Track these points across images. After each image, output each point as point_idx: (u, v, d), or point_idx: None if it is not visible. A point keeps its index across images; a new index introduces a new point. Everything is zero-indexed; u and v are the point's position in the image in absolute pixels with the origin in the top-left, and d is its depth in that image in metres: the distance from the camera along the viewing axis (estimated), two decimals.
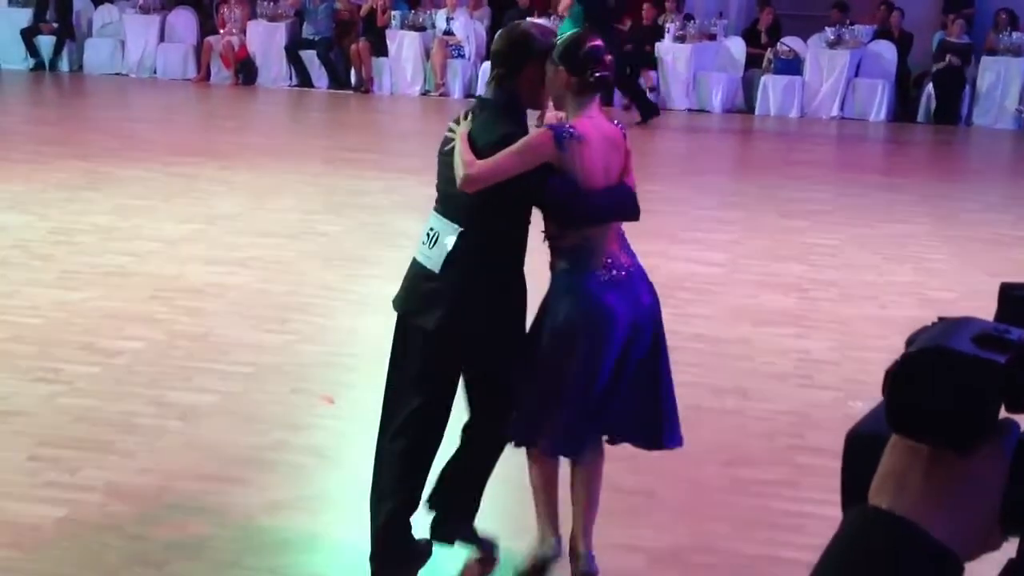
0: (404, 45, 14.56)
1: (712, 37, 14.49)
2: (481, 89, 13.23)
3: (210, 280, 6.28)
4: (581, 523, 3.37)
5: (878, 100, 13.61)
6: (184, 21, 15.44)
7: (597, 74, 3.26)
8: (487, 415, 3.36)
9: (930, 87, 13.55)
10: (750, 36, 14.56)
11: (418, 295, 3.30)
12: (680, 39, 14.16)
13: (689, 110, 14.03)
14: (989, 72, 13.39)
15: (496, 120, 3.25)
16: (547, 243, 3.31)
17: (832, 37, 13.89)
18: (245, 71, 14.86)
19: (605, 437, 3.41)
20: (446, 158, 3.28)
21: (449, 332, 3.23)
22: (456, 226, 3.21)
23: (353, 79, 14.68)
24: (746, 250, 7.42)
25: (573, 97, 3.27)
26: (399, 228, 7.67)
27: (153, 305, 5.83)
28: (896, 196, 9.24)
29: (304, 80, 14.82)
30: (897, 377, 0.71)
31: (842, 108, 13.72)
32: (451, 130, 3.31)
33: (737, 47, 14.41)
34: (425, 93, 14.56)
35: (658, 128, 13.13)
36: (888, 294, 6.41)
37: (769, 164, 10.99)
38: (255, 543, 3.59)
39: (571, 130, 3.18)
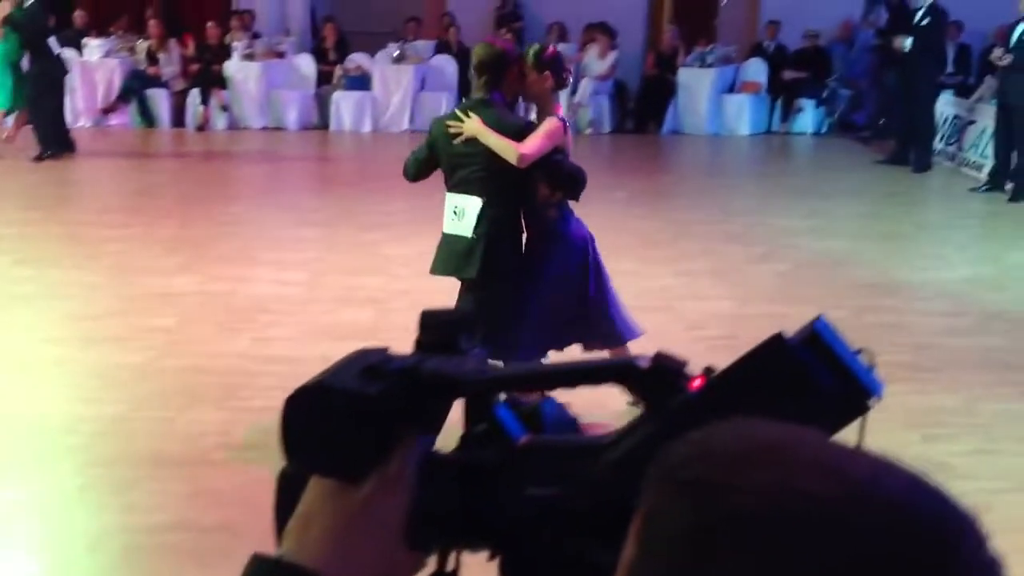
0: None
1: (281, 55, 14.50)
2: None
3: None
4: None
5: (443, 111, 14.23)
6: None
7: (568, 76, 4.58)
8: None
9: None
10: (318, 53, 14.74)
11: (456, 256, 4.40)
12: (249, 57, 14.05)
13: (265, 128, 13.96)
14: None
15: (503, 113, 4.37)
16: (540, 203, 4.41)
17: (396, 53, 14.36)
18: None
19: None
20: (461, 147, 4.32)
21: (487, 274, 4.29)
22: (477, 199, 4.32)
23: None
24: (326, 266, 7.50)
25: (551, 94, 4.46)
26: None
27: None
28: None
29: None
30: (284, 413, 0.76)
31: (412, 121, 14.24)
32: (449, 126, 4.34)
33: (307, 64, 14.52)
34: None
35: (233, 149, 12.95)
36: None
37: (346, 179, 11.18)
38: None
39: (566, 120, 4.45)
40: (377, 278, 7.18)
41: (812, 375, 0.96)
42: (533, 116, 4.63)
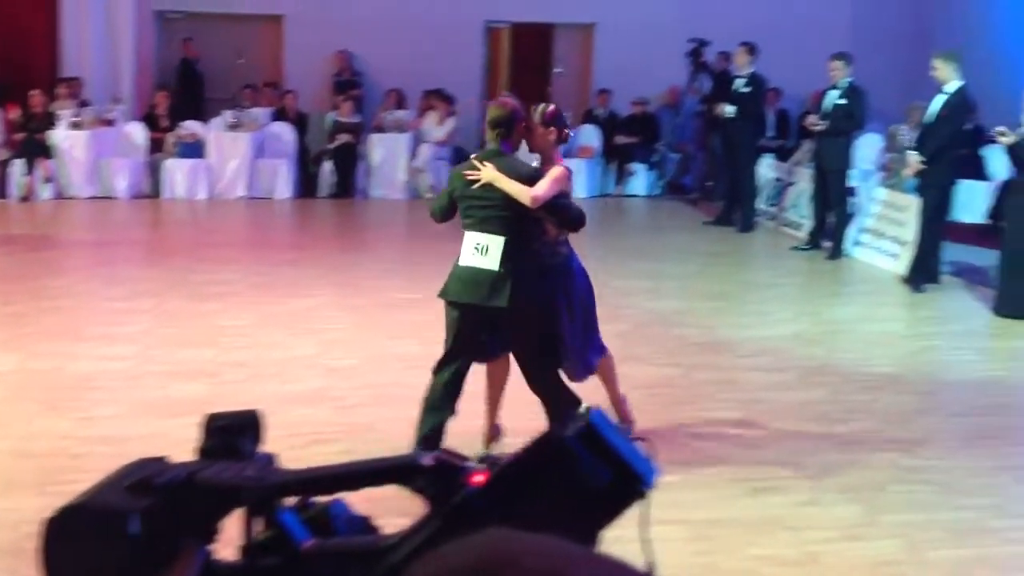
0: None
1: (110, 123, 14.15)
2: None
3: None
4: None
5: (281, 179, 14.14)
6: None
7: (568, 132, 5.23)
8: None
9: (328, 164, 14.37)
10: (150, 120, 14.44)
11: (483, 287, 4.87)
12: (76, 126, 13.65)
13: (94, 198, 13.55)
14: (379, 147, 14.50)
15: (515, 162, 4.96)
16: (547, 239, 5.10)
17: (232, 120, 14.20)
18: None
19: None
20: (479, 191, 4.88)
21: (516, 305, 4.84)
22: (500, 237, 4.87)
23: None
24: (156, 339, 7.29)
25: (554, 146, 5.15)
26: None
27: None
28: (302, 271, 9.62)
29: None
30: (42, 539, 0.74)
31: (248, 188, 14.06)
32: (467, 174, 4.90)
33: (137, 132, 14.20)
34: None
35: (60, 220, 12.52)
36: (293, 369, 6.64)
37: (179, 249, 10.91)
38: None
39: (569, 168, 5.09)
40: (210, 350, 7.02)
41: (585, 468, 0.99)
42: (535, 164, 5.16)
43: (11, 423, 5.63)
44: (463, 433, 5.08)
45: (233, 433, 0.82)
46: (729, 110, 12.33)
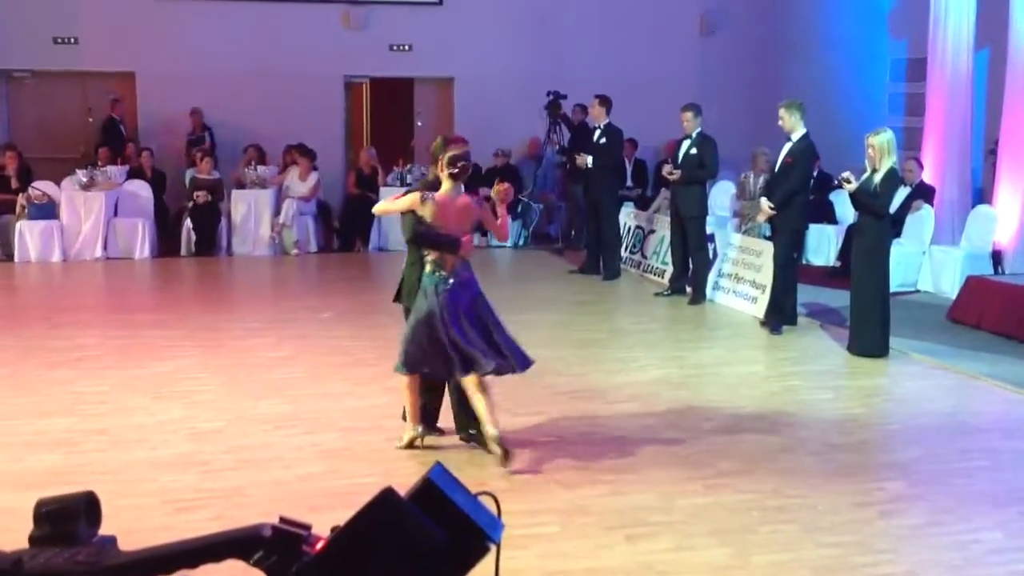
0: None
1: None
2: None
3: None
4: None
5: (140, 238, 13.80)
6: None
7: (451, 170, 5.91)
8: None
9: (189, 222, 14.09)
10: None
11: None
12: None
13: None
14: (241, 204, 14.30)
15: (419, 187, 6.13)
16: (425, 257, 5.94)
17: (85, 179, 13.82)
18: None
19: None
20: None
21: (399, 303, 6.34)
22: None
23: None
24: (11, 410, 6.99)
25: (446, 179, 5.95)
26: None
27: None
28: (164, 332, 9.38)
29: None
30: None
31: (105, 248, 13.67)
32: None
33: None
34: None
35: None
36: (159, 434, 6.45)
37: (33, 314, 10.52)
38: None
39: (430, 195, 5.89)
40: (69, 418, 6.77)
41: (423, 527, 0.99)
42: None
43: None
44: None
45: (64, 518, 0.80)
46: (588, 161, 12.60)
